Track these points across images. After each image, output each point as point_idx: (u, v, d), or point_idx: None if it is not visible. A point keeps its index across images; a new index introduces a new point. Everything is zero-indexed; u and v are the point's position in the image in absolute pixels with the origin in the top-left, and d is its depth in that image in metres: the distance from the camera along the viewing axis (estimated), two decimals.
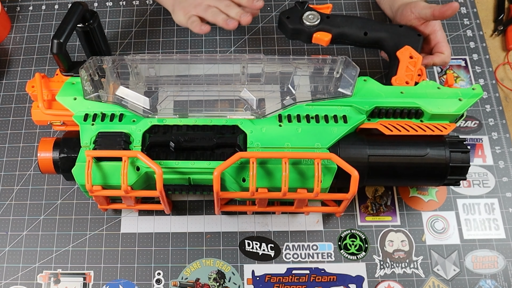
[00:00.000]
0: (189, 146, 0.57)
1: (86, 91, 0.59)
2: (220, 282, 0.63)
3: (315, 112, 0.58)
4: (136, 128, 0.57)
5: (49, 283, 0.64)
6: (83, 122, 0.58)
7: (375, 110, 0.58)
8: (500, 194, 0.67)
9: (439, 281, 0.62)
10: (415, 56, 0.62)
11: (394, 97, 0.59)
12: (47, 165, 0.60)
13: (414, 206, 0.67)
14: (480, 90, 0.59)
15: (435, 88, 0.60)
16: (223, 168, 0.53)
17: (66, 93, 0.60)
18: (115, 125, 0.57)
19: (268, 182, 0.55)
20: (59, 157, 0.59)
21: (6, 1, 0.83)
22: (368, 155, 0.57)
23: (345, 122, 0.57)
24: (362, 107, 0.58)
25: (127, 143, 0.56)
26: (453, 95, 0.59)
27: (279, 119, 0.58)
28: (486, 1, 0.82)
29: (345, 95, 0.59)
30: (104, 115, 0.58)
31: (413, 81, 0.61)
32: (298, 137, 0.56)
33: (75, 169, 0.56)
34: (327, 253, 0.64)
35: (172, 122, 0.58)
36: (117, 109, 0.59)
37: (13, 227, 0.67)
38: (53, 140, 0.60)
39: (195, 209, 0.67)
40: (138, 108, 0.59)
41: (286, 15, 0.65)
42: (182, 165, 0.56)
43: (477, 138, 0.70)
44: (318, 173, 0.53)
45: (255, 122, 0.57)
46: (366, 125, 0.58)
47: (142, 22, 0.80)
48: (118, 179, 0.55)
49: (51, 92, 0.61)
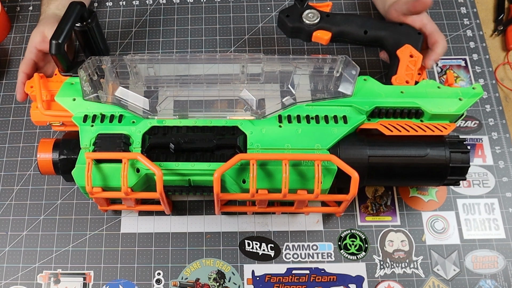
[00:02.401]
0: (189, 148, 0.56)
1: (85, 92, 0.59)
2: (220, 282, 0.63)
3: (315, 113, 0.58)
4: (135, 129, 0.57)
5: (49, 283, 0.64)
6: (83, 123, 0.58)
7: (375, 110, 0.58)
8: (500, 194, 0.67)
9: (439, 281, 0.62)
10: (415, 55, 0.62)
11: (394, 96, 0.59)
12: (46, 166, 0.60)
13: (414, 206, 0.67)
14: (480, 89, 0.59)
15: (435, 87, 0.60)
16: (223, 170, 0.53)
17: (65, 94, 0.60)
18: (114, 126, 0.57)
19: (268, 183, 0.55)
20: (59, 158, 0.59)
21: (6, 1, 0.83)
22: (368, 156, 0.57)
23: (345, 123, 0.57)
24: (362, 107, 0.58)
25: (126, 144, 0.56)
26: (453, 94, 0.59)
27: (279, 119, 0.58)
28: (486, 1, 0.81)
29: (345, 95, 0.59)
30: (104, 116, 0.58)
31: (413, 80, 0.61)
32: (298, 138, 0.56)
33: (75, 171, 0.56)
34: (327, 253, 0.64)
35: (172, 123, 0.58)
36: (116, 110, 0.59)
37: (13, 227, 0.67)
38: (53, 141, 0.60)
39: (195, 209, 0.67)
40: (137, 109, 0.58)
41: (285, 14, 0.65)
42: (182, 167, 0.55)
43: (477, 138, 0.70)
44: (318, 175, 0.53)
45: (255, 123, 0.57)
46: (366, 125, 0.58)
47: (142, 22, 0.80)
48: (118, 181, 0.55)
49: (50, 92, 0.61)
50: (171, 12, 0.81)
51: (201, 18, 0.80)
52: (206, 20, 0.80)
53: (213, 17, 0.80)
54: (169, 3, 0.82)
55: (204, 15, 0.81)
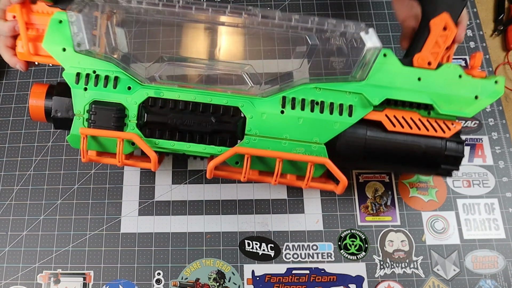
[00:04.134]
0: (186, 130, 0.56)
1: (76, 43, 0.54)
2: (220, 282, 0.63)
3: (321, 98, 0.55)
4: (131, 99, 0.55)
5: (49, 283, 0.64)
6: (75, 84, 0.54)
7: (384, 101, 0.56)
8: (500, 194, 0.67)
9: (439, 281, 0.62)
10: (450, 27, 0.54)
11: (409, 84, 0.55)
12: (38, 113, 0.57)
13: (414, 206, 0.67)
14: (502, 86, 0.55)
15: (457, 76, 0.55)
16: (217, 162, 0.53)
17: (53, 40, 0.54)
18: (109, 93, 0.55)
19: (261, 167, 0.56)
20: (52, 117, 0.57)
21: None
22: (365, 137, 0.56)
23: (349, 115, 0.55)
24: (372, 99, 0.55)
25: (122, 118, 0.54)
26: (472, 89, 0.55)
27: (283, 102, 0.55)
28: (486, 1, 0.81)
29: (359, 78, 0.55)
30: (98, 77, 0.54)
31: (437, 61, 0.55)
32: (298, 128, 0.55)
33: (69, 137, 0.55)
34: (327, 253, 0.64)
35: (170, 95, 0.55)
36: (111, 68, 0.55)
37: (13, 227, 0.67)
38: (46, 88, 0.57)
39: (195, 209, 0.67)
40: (134, 74, 0.55)
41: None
42: (177, 147, 0.55)
43: (477, 138, 0.70)
44: (310, 173, 0.54)
45: (257, 103, 0.55)
46: (370, 115, 0.56)
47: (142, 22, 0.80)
48: (114, 149, 0.55)
49: (33, 26, 0.56)
50: None
51: None
52: None
53: None
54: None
55: None
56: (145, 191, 0.68)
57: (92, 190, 0.68)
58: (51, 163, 0.70)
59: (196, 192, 0.68)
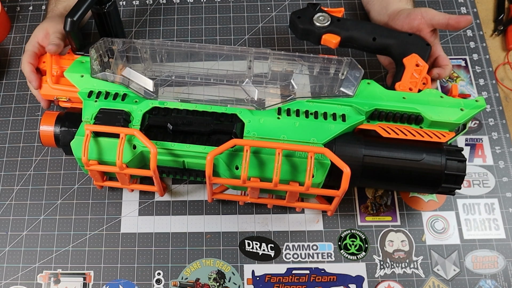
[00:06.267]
0: (187, 130, 0.57)
1: (93, 70, 0.61)
2: (220, 282, 0.63)
3: (314, 109, 0.58)
4: (137, 108, 0.58)
5: (49, 283, 0.64)
6: (87, 98, 0.59)
7: (375, 113, 0.58)
8: (500, 194, 0.67)
9: (439, 281, 0.62)
10: (421, 64, 0.61)
11: (395, 101, 0.59)
12: (48, 138, 0.62)
13: (414, 206, 0.67)
14: (483, 102, 0.59)
15: (438, 96, 0.59)
16: (216, 153, 0.54)
17: (74, 70, 0.62)
18: (117, 103, 0.59)
19: (261, 172, 0.55)
20: (60, 130, 0.61)
21: (6, 1, 0.83)
22: (363, 155, 0.56)
23: (343, 121, 0.57)
24: (362, 107, 0.58)
25: (126, 121, 0.57)
26: (455, 104, 0.59)
27: (278, 112, 0.58)
28: (486, 1, 0.82)
29: (347, 95, 0.59)
30: (108, 93, 0.60)
31: (417, 88, 0.60)
32: (295, 130, 0.57)
33: (73, 142, 0.58)
34: (327, 253, 0.64)
35: (172, 105, 0.59)
36: (121, 89, 0.60)
37: (13, 227, 0.67)
38: (56, 114, 0.62)
39: (195, 209, 0.67)
40: (141, 90, 0.60)
41: (297, 15, 0.66)
42: (177, 147, 0.57)
43: (477, 138, 0.70)
44: (311, 167, 0.53)
45: (255, 113, 0.58)
46: (364, 126, 0.58)
47: (142, 22, 0.80)
48: (115, 156, 0.56)
49: (61, 68, 0.64)
50: (171, 12, 0.81)
51: (201, 18, 0.80)
52: (206, 20, 0.80)
53: (213, 17, 0.80)
54: (169, 3, 0.82)
55: (204, 15, 0.81)
56: (145, 191, 0.68)
57: (92, 190, 0.68)
58: (51, 163, 0.70)
59: (196, 192, 0.68)
